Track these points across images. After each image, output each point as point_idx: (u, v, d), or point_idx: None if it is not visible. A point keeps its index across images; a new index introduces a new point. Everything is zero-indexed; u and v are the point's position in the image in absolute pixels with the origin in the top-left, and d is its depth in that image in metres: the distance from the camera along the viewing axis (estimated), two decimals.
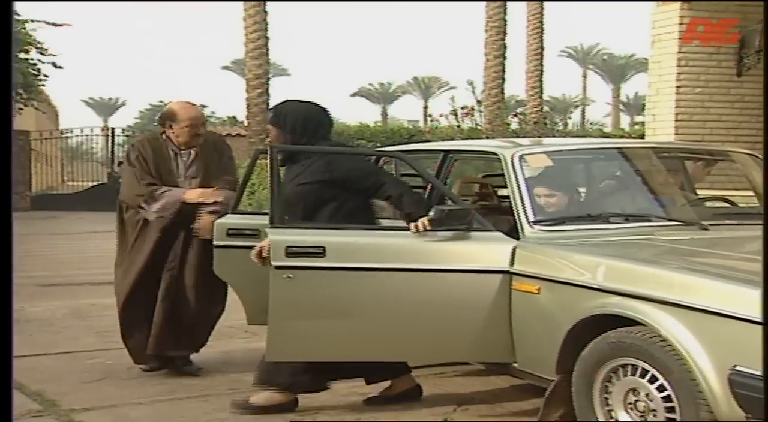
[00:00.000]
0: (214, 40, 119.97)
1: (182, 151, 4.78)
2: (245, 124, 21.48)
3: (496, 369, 4.25)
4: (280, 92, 78.27)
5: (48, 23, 18.63)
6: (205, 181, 4.76)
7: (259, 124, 19.08)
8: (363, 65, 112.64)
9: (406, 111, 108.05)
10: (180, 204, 4.65)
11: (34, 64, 19.59)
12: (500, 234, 3.83)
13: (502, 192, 4.88)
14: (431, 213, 3.78)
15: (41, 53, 19.20)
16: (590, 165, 4.82)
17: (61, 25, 18.75)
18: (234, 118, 33.20)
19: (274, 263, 3.71)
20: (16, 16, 18.00)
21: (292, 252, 3.71)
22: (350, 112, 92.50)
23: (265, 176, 16.86)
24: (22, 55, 19.03)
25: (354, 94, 69.46)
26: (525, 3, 20.75)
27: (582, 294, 3.37)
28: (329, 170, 3.98)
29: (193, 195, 4.69)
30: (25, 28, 18.35)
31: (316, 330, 3.79)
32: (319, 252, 3.72)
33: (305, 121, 4.13)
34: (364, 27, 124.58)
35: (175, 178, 4.75)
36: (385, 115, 64.77)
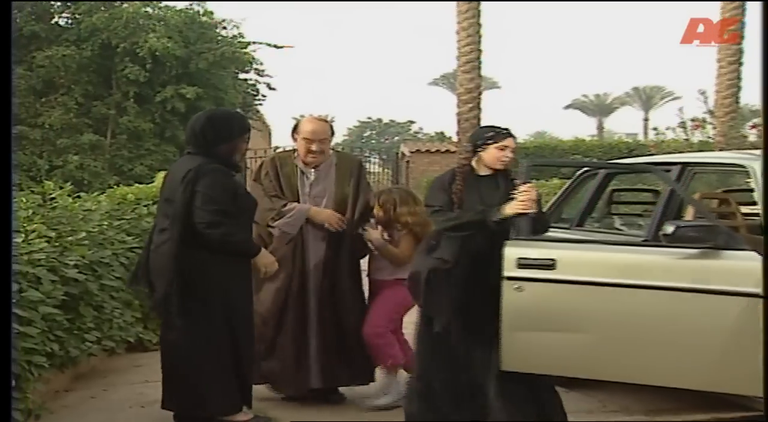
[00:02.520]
0: (423, 55, 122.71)
1: (308, 169, 4.82)
2: (454, 139, 21.73)
3: (739, 402, 4.04)
4: (491, 106, 78.46)
5: (269, 45, 19.74)
6: (337, 204, 4.82)
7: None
8: (577, 76, 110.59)
9: (625, 124, 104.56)
10: (304, 220, 4.71)
11: (253, 85, 20.89)
12: (753, 253, 3.64)
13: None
14: (668, 228, 3.68)
15: (258, 74, 20.41)
16: None
17: (281, 47, 19.80)
18: (442, 133, 33.68)
19: (506, 273, 3.84)
20: (240, 39, 19.27)
21: (523, 263, 3.83)
22: (564, 126, 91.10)
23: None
24: (242, 76, 20.36)
25: (567, 107, 68.20)
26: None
27: None
28: None
29: (322, 215, 4.74)
30: (248, 50, 19.56)
31: (546, 343, 3.85)
32: (550, 264, 3.79)
33: (190, 131, 4.24)
34: (578, 36, 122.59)
35: (297, 196, 4.78)
36: (601, 128, 63.14)
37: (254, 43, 19.67)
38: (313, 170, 4.81)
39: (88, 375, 5.49)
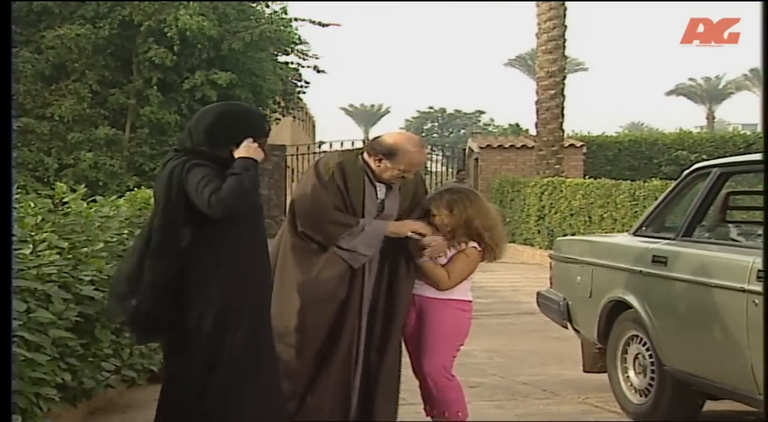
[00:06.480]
0: (495, 32, 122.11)
1: (378, 184, 4.73)
2: (532, 132, 21.60)
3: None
4: (576, 92, 77.92)
5: (313, 23, 19.74)
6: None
7: (552, 132, 19.09)
8: (682, 55, 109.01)
9: (741, 112, 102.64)
10: (382, 239, 4.62)
11: (296, 69, 20.85)
12: None
13: None
14: None
15: (302, 57, 20.37)
16: None
17: (327, 25, 19.84)
18: (517, 125, 33.57)
19: (744, 286, 4.49)
20: (282, 16, 19.22)
21: (762, 275, 4.38)
22: (665, 115, 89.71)
23: (559, 198, 16.82)
24: (282, 59, 20.36)
25: (670, 93, 67.61)
26: None
27: None
28: None
29: (404, 227, 4.63)
30: (291, 28, 19.49)
31: None
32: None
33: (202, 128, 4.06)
34: (684, 4, 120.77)
35: (361, 212, 4.66)
36: (711, 117, 62.33)
37: (296, 19, 19.65)
38: (383, 186, 4.73)
39: (104, 410, 5.56)
